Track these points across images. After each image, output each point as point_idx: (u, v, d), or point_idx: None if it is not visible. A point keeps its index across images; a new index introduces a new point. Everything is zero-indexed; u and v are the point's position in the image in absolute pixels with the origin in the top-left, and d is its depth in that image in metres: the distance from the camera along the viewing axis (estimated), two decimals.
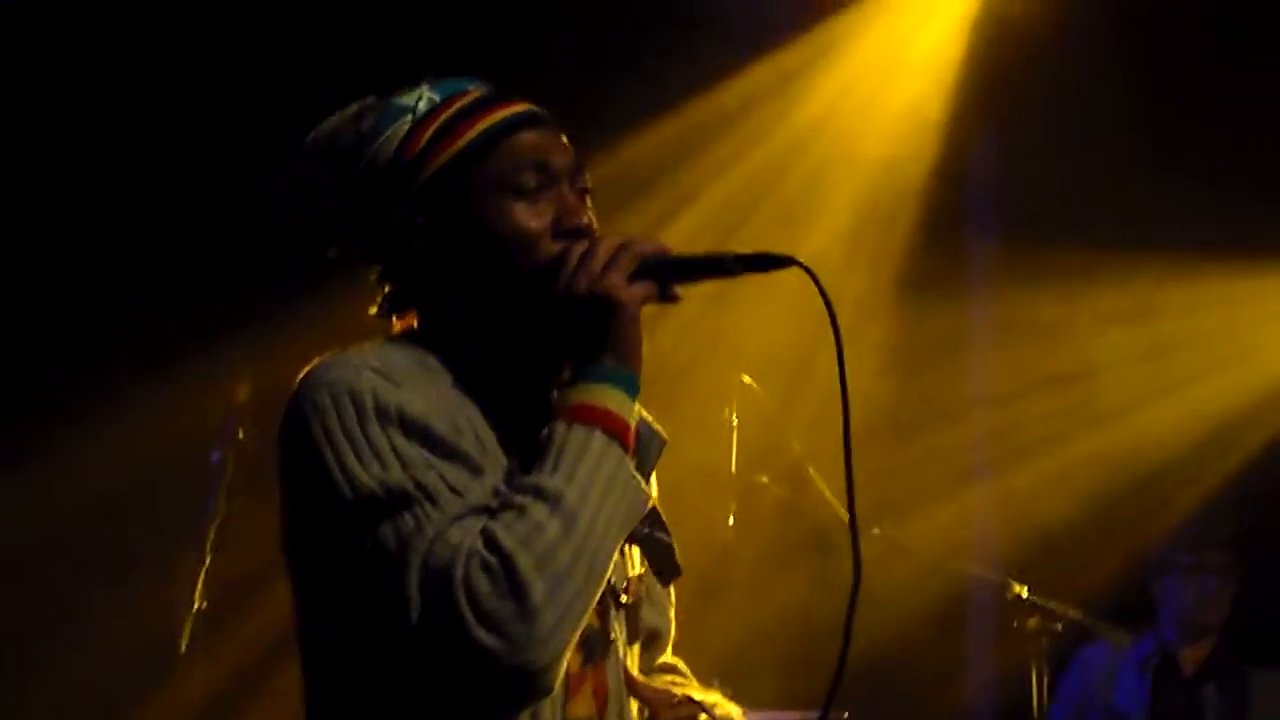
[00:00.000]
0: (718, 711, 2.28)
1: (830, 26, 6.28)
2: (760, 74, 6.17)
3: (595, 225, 2.20)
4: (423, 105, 2.24)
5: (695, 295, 2.29)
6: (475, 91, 2.27)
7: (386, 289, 2.25)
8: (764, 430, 5.23)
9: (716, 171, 6.24)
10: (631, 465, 2.05)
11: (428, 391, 2.08)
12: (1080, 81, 6.37)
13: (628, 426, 2.05)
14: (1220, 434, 6.47)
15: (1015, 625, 5.03)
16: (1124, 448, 6.52)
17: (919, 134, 6.61)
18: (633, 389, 2.08)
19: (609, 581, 2.10)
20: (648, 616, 2.41)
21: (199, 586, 4.12)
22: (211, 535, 4.13)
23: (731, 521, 5.15)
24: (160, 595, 4.18)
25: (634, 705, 2.26)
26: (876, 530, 5.10)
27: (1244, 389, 6.52)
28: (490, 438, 2.11)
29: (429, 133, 2.21)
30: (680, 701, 2.28)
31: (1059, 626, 5.03)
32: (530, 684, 1.93)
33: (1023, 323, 6.68)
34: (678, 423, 5.00)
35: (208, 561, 4.12)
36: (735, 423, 5.20)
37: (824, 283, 2.12)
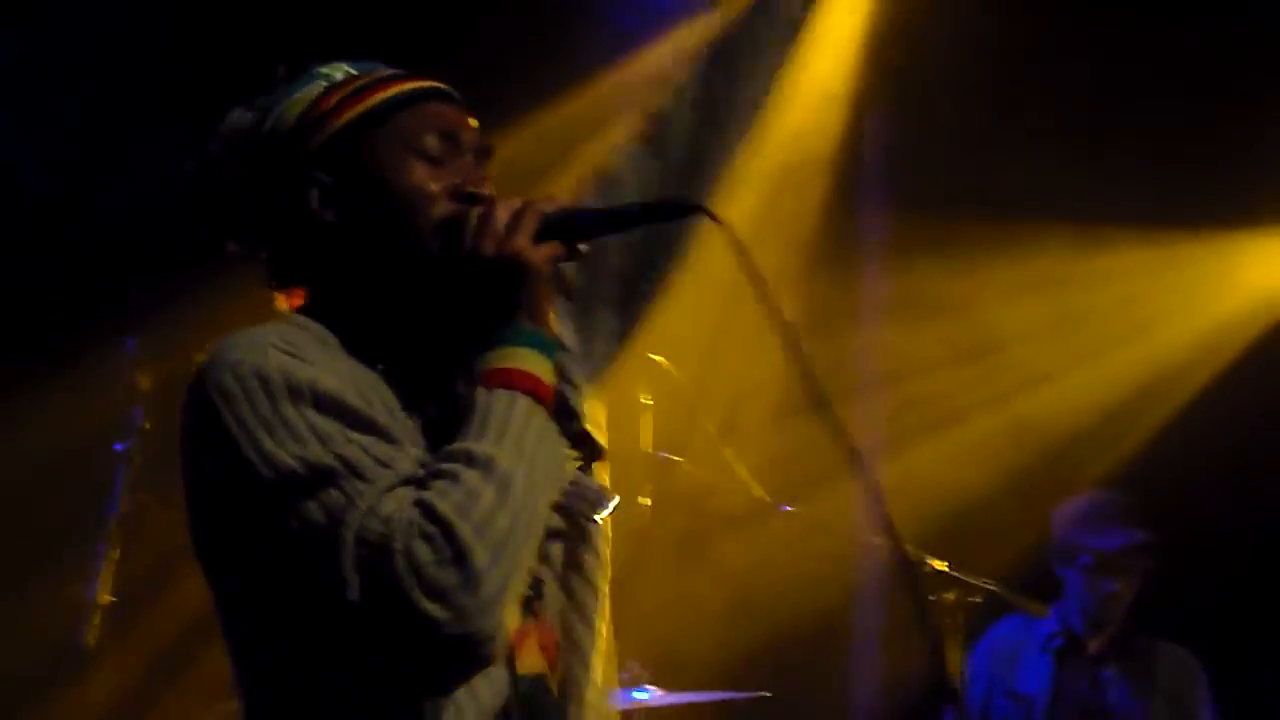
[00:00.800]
0: None
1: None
2: (671, 48, 6.16)
3: (495, 197, 2.16)
4: (339, 75, 2.23)
5: None
6: (392, 70, 2.26)
7: (278, 263, 2.22)
8: (678, 410, 5.22)
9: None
10: (555, 427, 2.02)
11: (335, 365, 2.04)
12: (981, 53, 6.39)
13: (549, 388, 2.03)
14: (1129, 404, 6.53)
15: (934, 599, 5.03)
16: (1032, 420, 6.57)
17: (825, 109, 6.61)
18: (548, 349, 2.06)
19: None
20: None
21: (107, 580, 4.05)
22: (117, 528, 4.06)
23: (649, 501, 5.14)
24: (65, 591, 4.10)
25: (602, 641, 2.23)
26: (791, 508, 5.12)
27: (1151, 360, 6.57)
28: (397, 408, 2.08)
29: (339, 95, 2.20)
30: None
31: (978, 599, 5.03)
32: (475, 652, 1.89)
33: (924, 297, 6.70)
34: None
35: (115, 554, 4.05)
36: (648, 403, 5.19)
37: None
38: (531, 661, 2.09)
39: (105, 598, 4.07)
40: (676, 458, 5.18)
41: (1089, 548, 5.46)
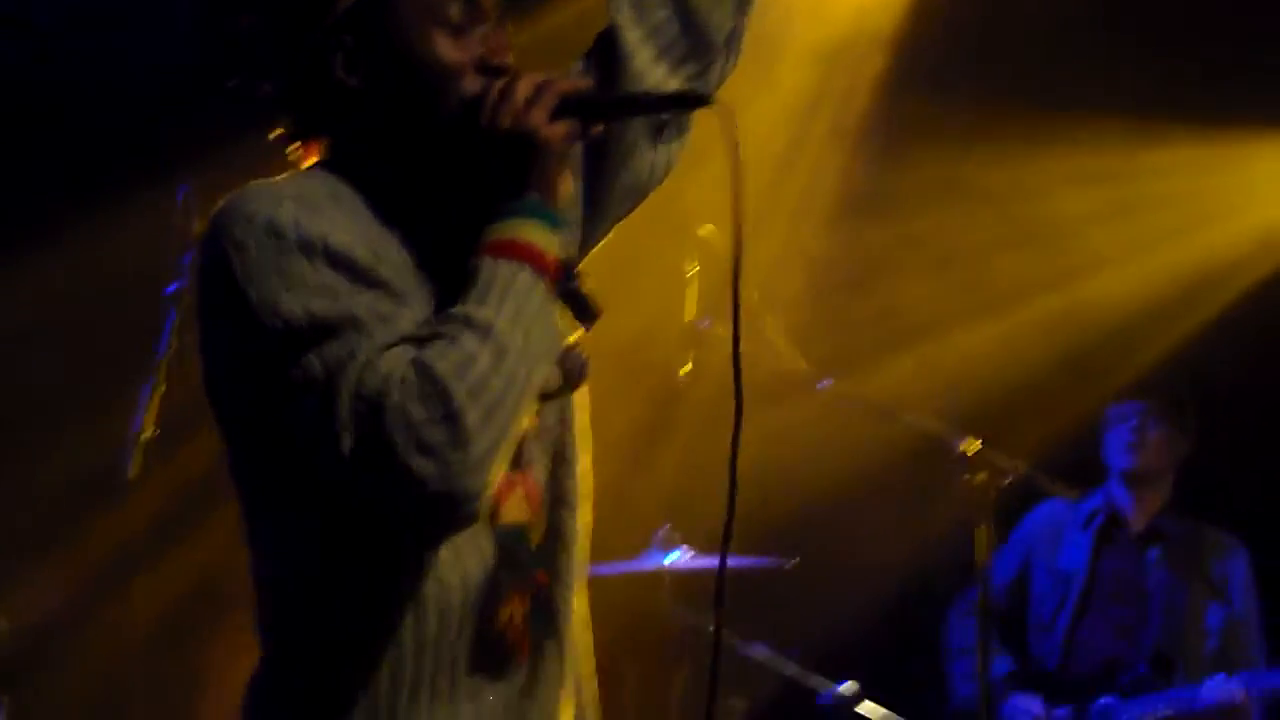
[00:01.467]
0: None
1: None
2: None
3: (517, 68, 2.21)
4: None
5: None
6: None
7: (294, 116, 2.26)
8: (722, 281, 5.24)
9: None
10: (552, 299, 2.08)
11: (348, 221, 2.09)
12: None
13: (550, 260, 2.09)
14: (1180, 296, 6.54)
15: (965, 479, 5.07)
16: (1081, 307, 6.58)
17: None
18: (555, 223, 2.12)
19: None
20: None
21: (152, 415, 4.14)
22: (165, 366, 4.13)
23: (689, 367, 5.18)
24: (113, 423, 4.19)
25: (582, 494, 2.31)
26: (829, 381, 5.16)
27: (1203, 255, 6.56)
28: (408, 266, 2.13)
29: None
30: None
31: (1007, 481, 5.07)
32: (460, 509, 1.97)
33: (978, 183, 6.69)
34: (639, 275, 5.04)
35: (161, 390, 4.13)
36: (693, 272, 5.22)
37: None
38: (515, 511, 2.17)
39: (150, 431, 4.15)
40: (718, 328, 5.22)
41: (1128, 397, 5.61)
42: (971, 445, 5.04)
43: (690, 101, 2.32)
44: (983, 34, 6.80)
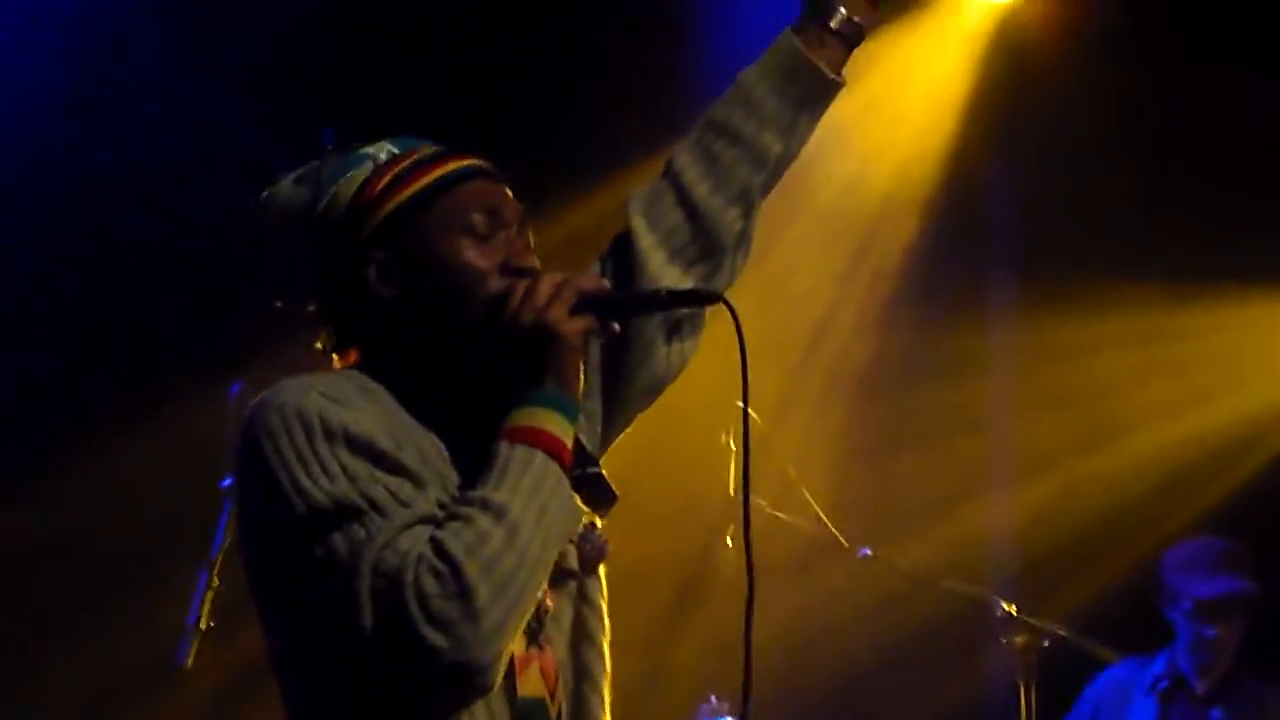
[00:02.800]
0: None
1: None
2: None
3: (540, 269, 2.36)
4: (383, 155, 2.41)
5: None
6: (432, 148, 2.44)
7: (332, 327, 2.42)
8: (757, 455, 5.30)
9: None
10: (568, 483, 2.21)
11: (372, 412, 2.23)
12: (1090, 112, 6.48)
13: (565, 447, 2.23)
14: (1227, 452, 6.57)
15: (1003, 643, 5.11)
16: (1130, 466, 6.60)
17: (927, 159, 6.71)
18: (571, 413, 2.25)
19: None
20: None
21: (208, 606, 4.19)
22: (220, 558, 4.20)
23: (732, 541, 5.24)
24: (170, 615, 4.26)
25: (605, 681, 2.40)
26: (869, 550, 5.22)
27: (1250, 410, 6.60)
28: (431, 459, 2.26)
29: (388, 176, 2.37)
30: None
31: (1046, 643, 5.10)
32: (473, 680, 2.09)
33: (1034, 345, 6.77)
34: (678, 449, 5.11)
35: (216, 584, 4.20)
36: (734, 448, 5.31)
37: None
38: (532, 686, 2.27)
39: (206, 623, 4.20)
40: (761, 501, 5.28)
41: (1190, 594, 5.52)
42: (1010, 608, 5.10)
43: (700, 299, 2.46)
44: (1017, 201, 6.95)
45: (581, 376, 2.30)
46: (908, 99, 6.57)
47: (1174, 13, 6.35)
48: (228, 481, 4.29)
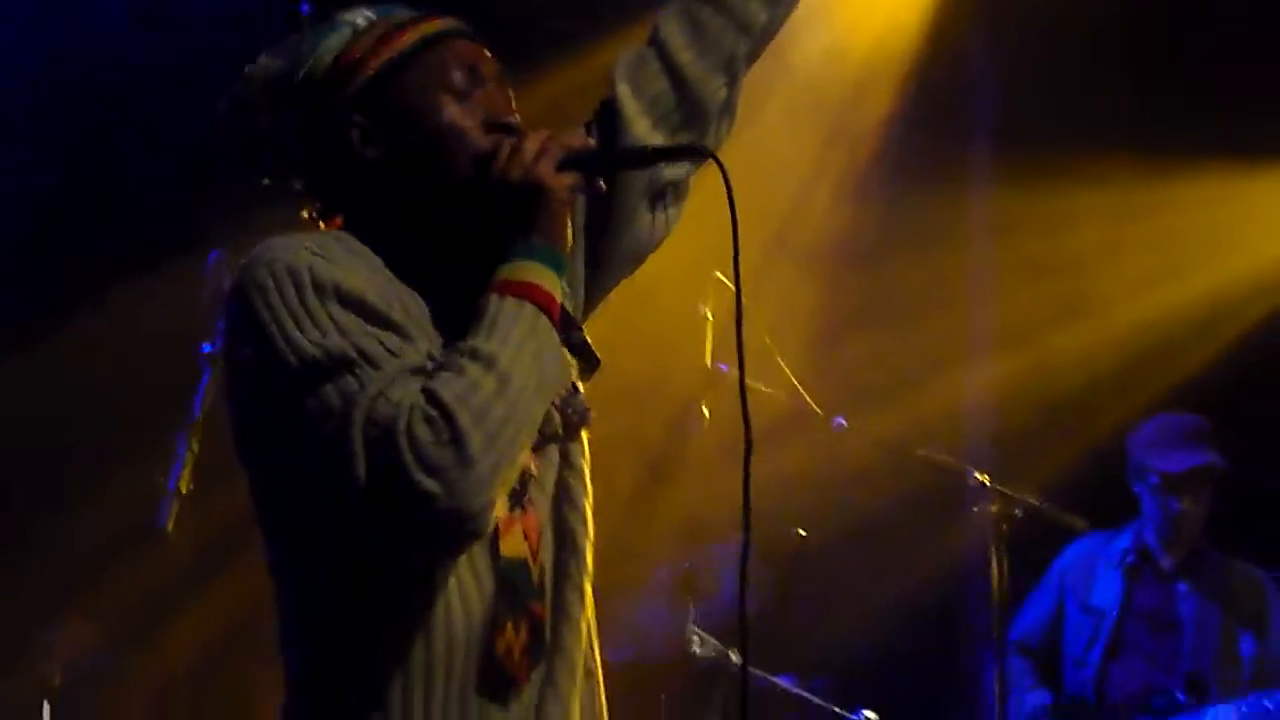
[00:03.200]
0: None
1: None
2: None
3: (521, 124, 2.39)
4: (361, 21, 2.43)
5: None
6: (410, 12, 2.46)
7: (318, 197, 2.44)
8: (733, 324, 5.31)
9: None
10: (557, 335, 2.23)
11: (363, 271, 2.25)
12: None
13: (554, 300, 2.25)
14: (1198, 325, 6.63)
15: (975, 511, 5.16)
16: (1106, 338, 6.68)
17: (906, 30, 6.68)
18: (559, 266, 2.28)
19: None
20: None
21: (188, 470, 4.21)
22: (200, 423, 4.22)
23: (707, 412, 5.28)
24: (152, 478, 4.28)
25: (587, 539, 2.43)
26: (843, 420, 5.25)
27: (1222, 284, 6.63)
28: (419, 317, 2.28)
29: (368, 40, 2.40)
30: None
31: (1018, 512, 5.16)
32: (465, 525, 2.12)
33: (1011, 218, 6.78)
34: (656, 318, 5.13)
35: (196, 448, 4.22)
36: (710, 317, 5.34)
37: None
38: (515, 547, 2.30)
39: (186, 487, 4.23)
40: (731, 371, 5.31)
41: (1157, 468, 5.60)
42: (983, 478, 5.15)
43: (687, 153, 2.50)
44: (996, 73, 6.93)
45: (569, 232, 2.33)
46: None
47: None
48: (207, 347, 4.31)
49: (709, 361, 5.30)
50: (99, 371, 5.54)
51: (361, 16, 2.44)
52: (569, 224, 2.33)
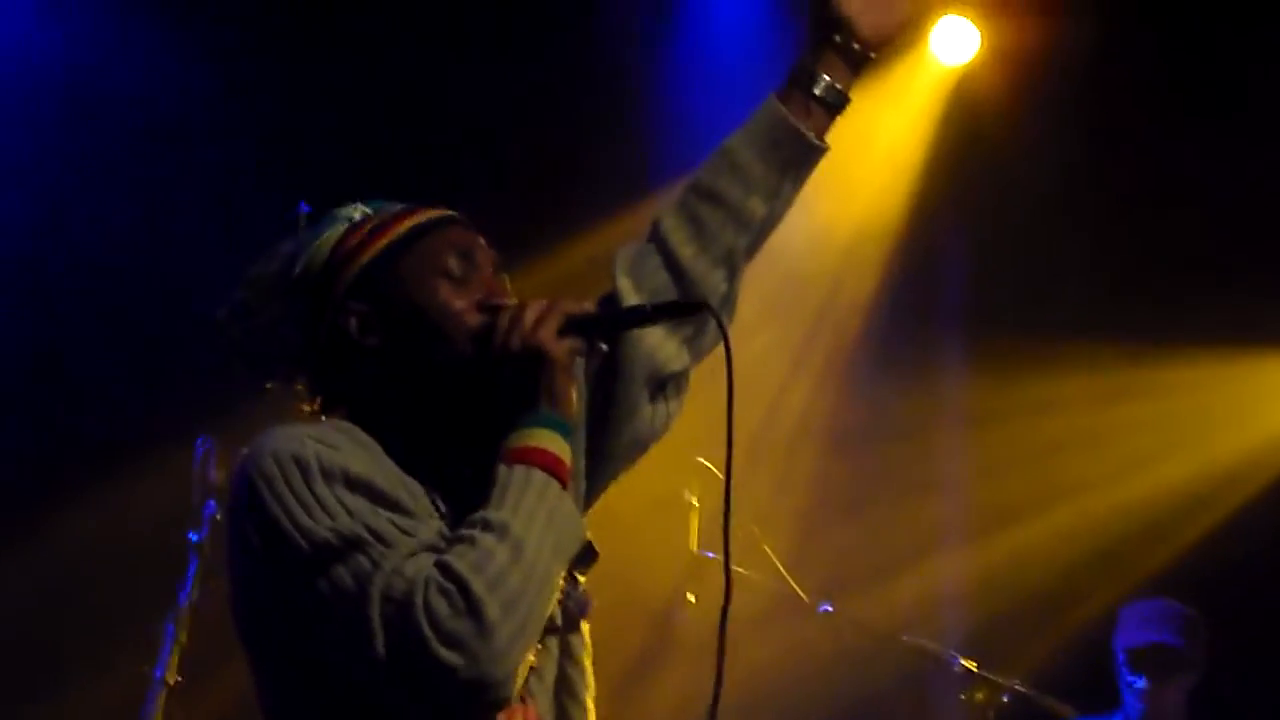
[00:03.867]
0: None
1: None
2: None
3: (518, 303, 2.38)
4: (357, 215, 2.47)
5: None
6: (404, 205, 2.49)
7: (318, 388, 2.44)
8: (720, 509, 5.34)
9: None
10: (569, 498, 2.24)
11: (367, 459, 2.26)
12: (1042, 175, 6.57)
13: (563, 464, 2.26)
14: (1179, 511, 6.62)
15: (962, 698, 5.14)
16: (1085, 524, 6.66)
17: (884, 220, 6.79)
18: (566, 431, 2.29)
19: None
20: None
21: (175, 661, 4.19)
22: (188, 613, 4.21)
23: (693, 599, 5.27)
24: (138, 670, 4.27)
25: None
26: (829, 606, 5.25)
27: (1202, 470, 6.65)
28: (427, 500, 2.29)
29: (363, 231, 2.43)
30: None
31: (1005, 699, 5.13)
32: (488, 695, 2.11)
33: (986, 406, 6.83)
34: (640, 502, 5.15)
35: (184, 638, 4.21)
36: (695, 503, 5.35)
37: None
38: None
39: (173, 678, 4.21)
40: (718, 557, 5.31)
41: (1118, 646, 5.58)
42: (969, 664, 5.14)
43: (687, 310, 2.52)
44: (969, 262, 7.02)
45: (574, 396, 2.33)
46: (866, 160, 6.65)
47: (1125, 79, 6.46)
48: (195, 536, 4.32)
49: (695, 548, 5.31)
50: (84, 561, 5.52)
51: (357, 210, 2.48)
52: (574, 389, 2.34)
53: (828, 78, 2.65)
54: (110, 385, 5.78)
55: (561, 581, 2.25)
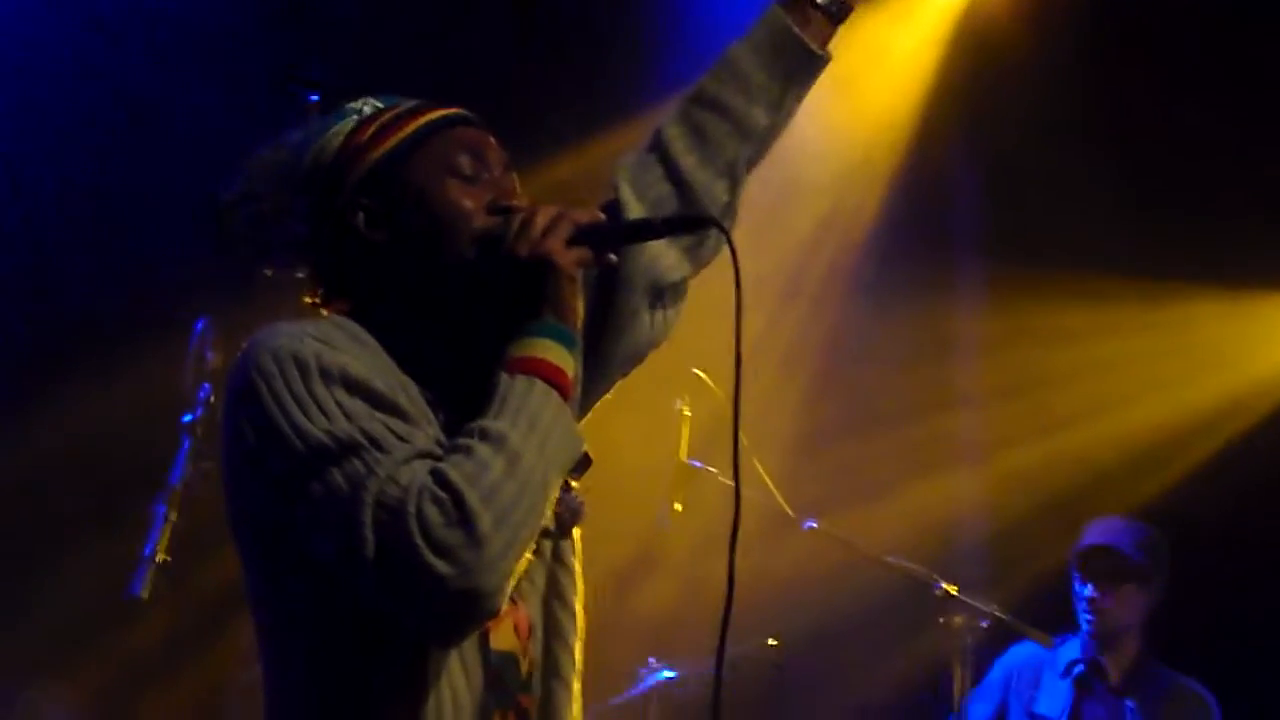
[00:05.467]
0: None
1: None
2: None
3: (528, 206, 2.38)
4: (367, 109, 2.46)
5: None
6: (415, 101, 2.49)
7: (321, 280, 2.45)
8: (713, 421, 5.37)
9: None
10: (569, 411, 2.23)
11: (367, 359, 2.26)
12: (1053, 97, 6.55)
13: (566, 375, 2.25)
14: (1163, 447, 6.65)
15: (941, 621, 5.18)
16: (1070, 454, 6.69)
17: (892, 136, 6.77)
18: (570, 343, 2.28)
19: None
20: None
21: (165, 539, 4.21)
22: (179, 493, 4.23)
23: (679, 508, 5.30)
24: (126, 548, 4.30)
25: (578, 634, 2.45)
26: (814, 523, 5.28)
27: (1189, 406, 6.68)
28: (425, 403, 2.29)
29: (374, 126, 2.43)
30: None
31: (983, 624, 5.18)
32: (479, 605, 2.11)
33: (979, 333, 6.84)
34: (632, 411, 5.18)
35: (174, 516, 4.22)
36: (687, 413, 5.37)
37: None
38: (504, 640, 2.31)
39: (162, 556, 4.23)
40: (710, 468, 5.35)
41: (1072, 552, 5.61)
42: (950, 589, 5.17)
43: (696, 224, 2.51)
44: (981, 182, 7.00)
45: (579, 308, 2.33)
46: (875, 76, 6.63)
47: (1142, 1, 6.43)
48: (188, 417, 4.33)
49: (684, 457, 5.33)
50: (75, 440, 5.55)
51: (368, 104, 2.47)
52: (579, 301, 2.32)
53: None
54: (108, 265, 5.79)
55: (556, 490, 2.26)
